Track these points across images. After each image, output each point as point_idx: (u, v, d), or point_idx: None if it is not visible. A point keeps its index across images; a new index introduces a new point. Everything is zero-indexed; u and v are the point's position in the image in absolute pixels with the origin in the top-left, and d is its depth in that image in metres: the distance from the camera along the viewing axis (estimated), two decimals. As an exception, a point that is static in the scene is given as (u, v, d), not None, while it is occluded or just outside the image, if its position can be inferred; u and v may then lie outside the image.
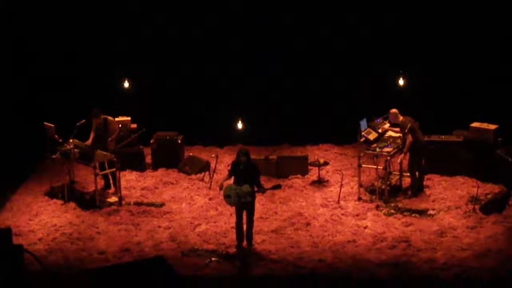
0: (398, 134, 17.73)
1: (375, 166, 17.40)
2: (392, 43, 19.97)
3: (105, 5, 20.32)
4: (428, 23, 19.87)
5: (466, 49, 19.82)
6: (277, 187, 15.13)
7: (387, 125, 18.20)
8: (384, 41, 20.05)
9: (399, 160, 17.33)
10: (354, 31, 20.16)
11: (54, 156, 17.90)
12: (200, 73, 20.67)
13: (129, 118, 19.58)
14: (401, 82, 18.95)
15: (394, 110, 17.45)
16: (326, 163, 18.79)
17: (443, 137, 18.41)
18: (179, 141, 19.57)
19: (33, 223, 16.50)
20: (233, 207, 15.27)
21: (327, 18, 20.22)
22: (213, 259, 14.84)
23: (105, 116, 18.08)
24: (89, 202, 17.43)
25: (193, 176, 18.88)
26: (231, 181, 15.27)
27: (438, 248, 15.03)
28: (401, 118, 17.30)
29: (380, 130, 17.98)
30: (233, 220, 15.63)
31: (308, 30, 20.33)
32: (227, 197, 15.05)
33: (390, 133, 17.93)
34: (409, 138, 17.01)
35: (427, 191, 17.56)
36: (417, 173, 17.52)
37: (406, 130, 17.04)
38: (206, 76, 20.66)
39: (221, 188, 15.43)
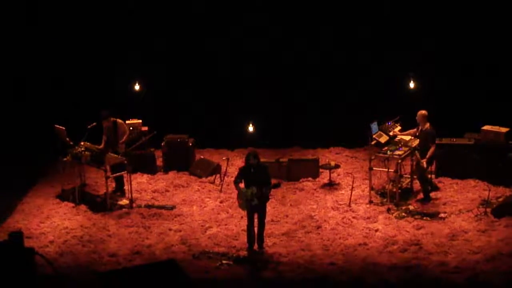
0: (409, 137, 17.71)
1: (386, 169, 17.38)
2: (403, 46, 19.95)
3: (118, 8, 20.39)
4: (438, 25, 19.85)
5: (477, 51, 19.81)
6: (277, 185, 15.09)
7: (398, 128, 18.18)
8: (395, 43, 20.03)
9: (424, 164, 17.10)
10: (365, 33, 20.15)
11: (65, 159, 17.92)
12: (211, 75, 20.69)
13: (140, 121, 19.60)
14: (411, 85, 18.91)
15: (424, 112, 17.25)
16: (337, 166, 18.78)
17: (454, 140, 18.38)
18: (190, 144, 19.58)
19: (44, 225, 16.53)
20: (244, 210, 15.28)
21: (335, 20, 20.25)
22: (224, 262, 14.85)
23: (115, 119, 18.05)
24: (100, 205, 17.46)
25: (204, 179, 18.90)
26: (242, 185, 15.25)
27: (450, 251, 15.00)
28: (427, 124, 17.17)
29: (391, 133, 17.95)
30: (244, 223, 15.64)
31: (317, 32, 20.35)
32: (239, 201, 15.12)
33: (401, 136, 17.89)
34: (433, 147, 16.98)
35: (438, 194, 17.53)
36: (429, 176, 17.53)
37: (431, 140, 17.00)
38: (217, 78, 20.67)
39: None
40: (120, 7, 20.45)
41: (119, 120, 18.13)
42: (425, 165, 17.06)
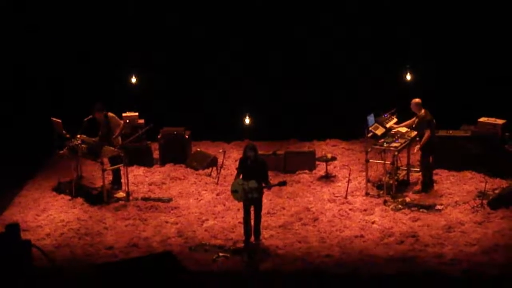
0: (405, 129, 17.71)
1: (383, 161, 17.37)
2: (400, 38, 19.95)
3: (117, 3, 20.40)
4: (436, 17, 19.86)
5: (474, 43, 19.82)
6: (283, 183, 15.11)
7: (394, 121, 18.17)
8: (393, 36, 20.03)
9: (415, 150, 17.19)
10: (363, 26, 20.15)
11: (61, 152, 17.92)
12: (207, 68, 20.67)
13: (136, 114, 19.57)
14: (408, 77, 18.92)
15: (417, 100, 17.25)
16: (333, 158, 18.78)
17: (451, 131, 18.39)
18: (186, 136, 19.57)
19: (41, 218, 16.53)
20: (241, 202, 15.27)
21: (335, 14, 20.24)
22: (220, 254, 14.86)
23: (106, 113, 17.96)
24: (97, 198, 17.45)
25: (200, 172, 18.89)
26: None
27: (446, 243, 15.02)
28: (422, 111, 17.20)
29: (387, 125, 17.95)
30: (240, 215, 15.64)
31: (316, 24, 20.35)
32: (234, 192, 15.04)
33: (397, 128, 17.89)
34: (428, 132, 16.96)
35: (435, 186, 17.54)
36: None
37: (427, 124, 17.00)
38: (214, 70, 20.65)
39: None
40: (119, 3, 20.44)
41: (110, 114, 18.00)
42: (415, 150, 17.08)
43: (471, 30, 19.78)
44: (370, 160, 17.52)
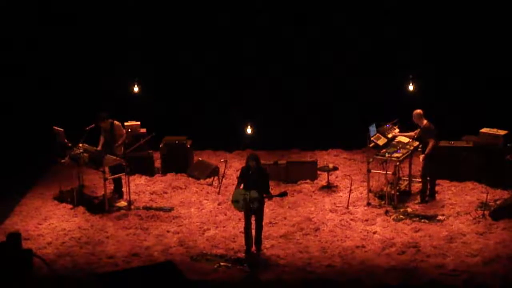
0: (407, 140, 17.71)
1: (384, 172, 17.37)
2: (402, 48, 19.97)
3: (116, 8, 20.40)
4: (438, 27, 19.88)
5: (476, 54, 19.83)
6: (284, 194, 15.09)
7: (396, 131, 18.18)
8: (395, 46, 20.05)
9: (421, 159, 17.16)
10: (368, 36, 20.16)
11: (63, 161, 17.91)
12: (209, 77, 20.68)
13: (138, 123, 19.58)
14: (411, 87, 18.92)
15: (418, 111, 17.26)
16: (335, 168, 18.77)
17: (453, 142, 18.38)
18: (188, 146, 19.58)
19: (42, 227, 16.52)
20: (242, 212, 15.26)
21: (339, 23, 20.26)
22: (221, 264, 14.85)
23: (112, 120, 18.00)
24: (98, 207, 17.45)
25: (202, 181, 18.89)
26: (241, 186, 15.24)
27: (447, 254, 15.00)
28: (425, 121, 17.21)
29: (389, 136, 17.95)
30: (241, 225, 15.62)
31: (319, 32, 20.38)
32: (235, 202, 15.03)
33: (399, 138, 17.89)
34: (432, 141, 16.96)
35: (437, 197, 17.53)
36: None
37: (429, 135, 16.99)
38: (216, 80, 20.67)
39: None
40: (120, 8, 20.45)
41: (116, 122, 18.06)
42: (421, 159, 17.07)
43: (473, 41, 19.80)
44: (372, 170, 17.51)
